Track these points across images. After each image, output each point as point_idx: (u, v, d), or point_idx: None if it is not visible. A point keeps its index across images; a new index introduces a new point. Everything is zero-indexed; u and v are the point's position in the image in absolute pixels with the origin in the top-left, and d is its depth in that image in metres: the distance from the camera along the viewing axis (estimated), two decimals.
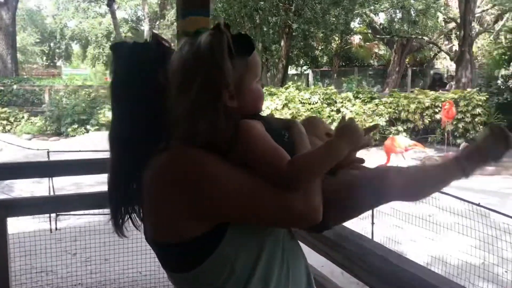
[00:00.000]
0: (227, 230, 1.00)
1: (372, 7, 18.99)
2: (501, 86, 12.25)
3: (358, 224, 3.29)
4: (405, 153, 7.00)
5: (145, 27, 28.95)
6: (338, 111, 12.96)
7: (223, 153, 1.00)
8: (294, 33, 18.81)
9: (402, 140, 6.79)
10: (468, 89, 13.24)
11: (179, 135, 1.00)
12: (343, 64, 26.88)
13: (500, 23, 20.62)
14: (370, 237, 3.63)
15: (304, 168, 1.00)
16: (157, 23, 29.65)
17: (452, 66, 20.50)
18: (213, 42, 0.96)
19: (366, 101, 13.02)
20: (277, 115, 12.17)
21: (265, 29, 18.30)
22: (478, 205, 3.65)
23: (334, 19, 17.58)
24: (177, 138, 1.00)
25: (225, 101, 0.98)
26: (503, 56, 12.87)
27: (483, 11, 21.15)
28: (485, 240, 3.75)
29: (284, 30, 18.42)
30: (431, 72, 22.35)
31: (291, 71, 26.91)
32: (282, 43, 18.76)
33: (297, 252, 1.17)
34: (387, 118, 12.30)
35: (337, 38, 22.05)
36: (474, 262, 4.04)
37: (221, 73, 0.96)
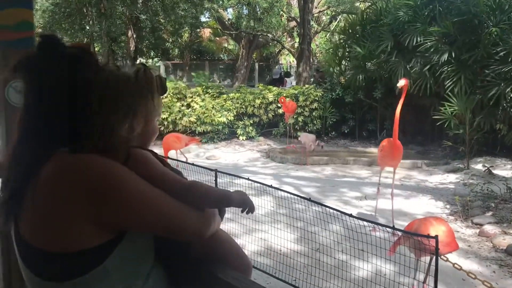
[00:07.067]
0: (117, 246, 1.04)
1: (220, 2, 19.38)
2: (334, 82, 13.51)
3: None
4: (185, 148, 7.39)
5: None
6: (188, 105, 12.99)
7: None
8: (141, 25, 18.31)
9: (183, 136, 7.17)
10: (307, 85, 14.34)
11: (93, 144, 1.05)
12: (195, 57, 27.05)
13: (334, 23, 22.77)
14: None
15: (200, 191, 1.16)
16: None
17: (295, 62, 22.02)
18: (150, 77, 1.18)
19: (215, 96, 13.26)
20: None
21: (111, 19, 17.45)
22: (309, 200, 3.99)
23: (183, 12, 17.54)
24: (85, 147, 1.04)
25: (136, 127, 1.15)
26: (336, 55, 14.16)
27: (320, 11, 23.09)
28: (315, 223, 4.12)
29: (131, 20, 17.81)
30: (277, 68, 23.68)
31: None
32: (130, 34, 18.12)
33: None
34: (235, 113, 12.71)
35: (187, 31, 22.05)
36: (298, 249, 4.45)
37: (149, 104, 1.18)
